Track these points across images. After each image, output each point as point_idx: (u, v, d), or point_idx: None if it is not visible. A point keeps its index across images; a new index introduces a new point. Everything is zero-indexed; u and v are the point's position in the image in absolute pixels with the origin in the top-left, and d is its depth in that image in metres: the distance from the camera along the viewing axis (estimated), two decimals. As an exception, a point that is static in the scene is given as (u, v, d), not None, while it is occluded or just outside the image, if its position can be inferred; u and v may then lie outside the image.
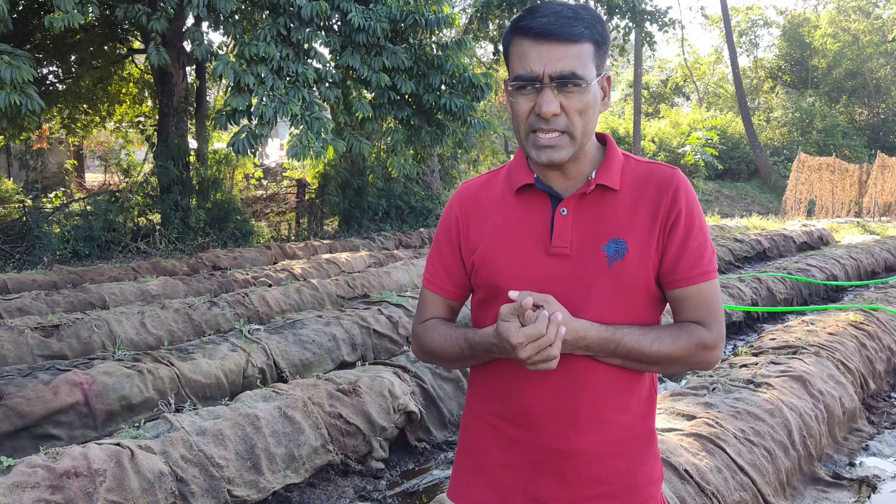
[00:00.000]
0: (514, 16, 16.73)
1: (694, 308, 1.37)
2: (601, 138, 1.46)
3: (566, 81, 1.29)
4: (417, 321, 1.56)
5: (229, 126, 8.88)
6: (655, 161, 1.45)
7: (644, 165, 1.42)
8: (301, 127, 8.58)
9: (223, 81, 9.53)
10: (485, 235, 1.44)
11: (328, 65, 9.37)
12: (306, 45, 9.01)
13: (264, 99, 8.35)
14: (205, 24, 9.50)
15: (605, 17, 18.80)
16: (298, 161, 8.88)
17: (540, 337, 1.22)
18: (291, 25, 8.76)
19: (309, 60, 9.12)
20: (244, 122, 8.67)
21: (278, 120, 8.66)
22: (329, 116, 9.42)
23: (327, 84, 9.24)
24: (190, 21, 9.93)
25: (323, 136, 8.68)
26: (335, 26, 9.76)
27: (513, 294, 1.27)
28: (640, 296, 1.37)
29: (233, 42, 9.05)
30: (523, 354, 1.24)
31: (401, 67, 9.51)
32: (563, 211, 1.38)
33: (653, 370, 1.39)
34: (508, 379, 1.40)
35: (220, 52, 9.63)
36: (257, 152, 8.88)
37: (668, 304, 1.44)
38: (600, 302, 1.34)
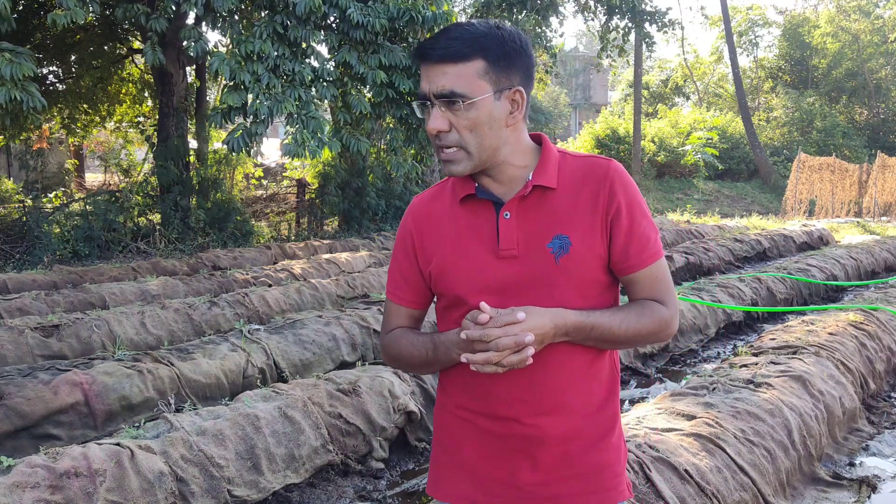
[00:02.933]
0: (518, 15, 16.64)
1: (648, 288, 1.46)
2: (536, 139, 1.51)
3: (446, 99, 1.36)
4: (384, 332, 1.62)
5: (225, 124, 8.88)
6: (592, 154, 1.51)
7: (580, 160, 1.48)
8: (297, 126, 8.58)
9: (222, 81, 9.53)
10: (438, 247, 1.51)
11: (326, 63, 9.37)
12: (304, 45, 9.01)
13: (259, 96, 8.35)
14: (203, 24, 9.50)
15: (604, 18, 18.82)
16: (294, 158, 8.88)
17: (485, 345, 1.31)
18: (288, 23, 8.76)
19: (306, 60, 9.12)
20: (239, 119, 8.67)
21: (274, 119, 8.67)
22: (327, 116, 9.41)
23: (325, 83, 9.23)
24: (190, 21, 9.93)
25: (319, 135, 8.68)
26: (333, 24, 9.76)
27: (484, 307, 1.33)
28: (591, 286, 1.44)
29: (230, 42, 9.04)
30: (474, 360, 1.32)
31: (398, 65, 9.50)
32: (507, 215, 1.44)
33: (621, 348, 1.48)
34: (475, 373, 1.44)
35: (217, 50, 9.62)
36: (252, 150, 8.87)
37: (619, 288, 1.52)
38: (553, 297, 1.41)
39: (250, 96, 8.45)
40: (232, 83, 8.55)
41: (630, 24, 18.08)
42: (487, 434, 1.47)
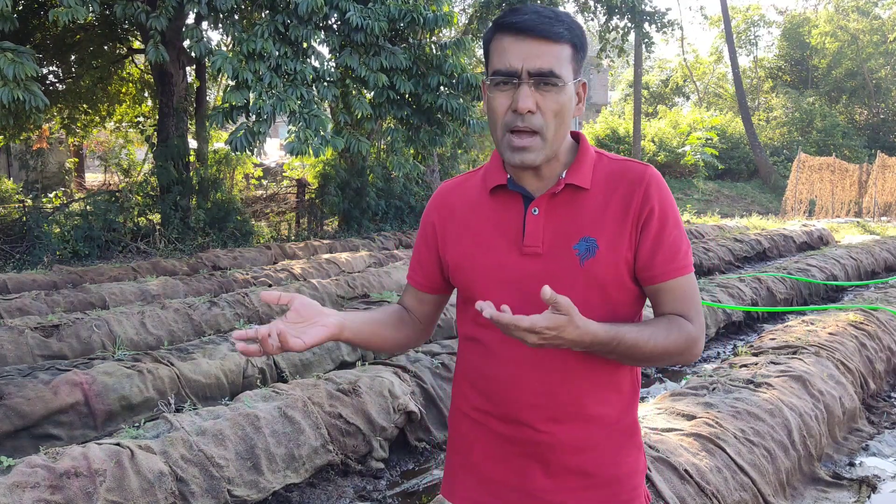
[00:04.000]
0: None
1: (672, 302, 1.39)
2: (574, 136, 1.47)
3: (544, 79, 1.30)
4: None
5: (226, 124, 8.88)
6: (629, 158, 1.46)
7: (617, 163, 1.43)
8: (300, 124, 8.59)
9: (222, 81, 9.53)
10: (460, 237, 1.47)
11: (326, 63, 9.37)
12: (305, 45, 9.01)
13: (262, 95, 8.35)
14: (204, 23, 9.51)
15: (604, 18, 18.85)
16: (296, 156, 8.88)
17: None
18: (289, 23, 8.77)
19: (307, 59, 9.13)
20: (241, 119, 8.67)
21: (277, 117, 8.67)
22: (328, 115, 9.41)
23: (326, 83, 9.24)
24: (190, 20, 9.94)
25: (322, 133, 8.69)
26: (334, 26, 9.76)
27: (479, 305, 1.22)
28: (614, 293, 1.38)
29: (232, 41, 9.05)
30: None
31: (399, 67, 9.50)
32: (535, 210, 1.40)
33: (643, 365, 1.40)
34: (491, 375, 1.42)
35: (219, 49, 9.62)
36: (255, 150, 8.84)
37: (646, 300, 1.46)
38: (574, 300, 1.33)
39: (252, 95, 8.45)
40: (234, 82, 8.56)
41: (630, 25, 18.08)
42: (499, 437, 1.44)
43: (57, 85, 14.37)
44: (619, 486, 1.42)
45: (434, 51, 10.07)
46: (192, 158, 12.05)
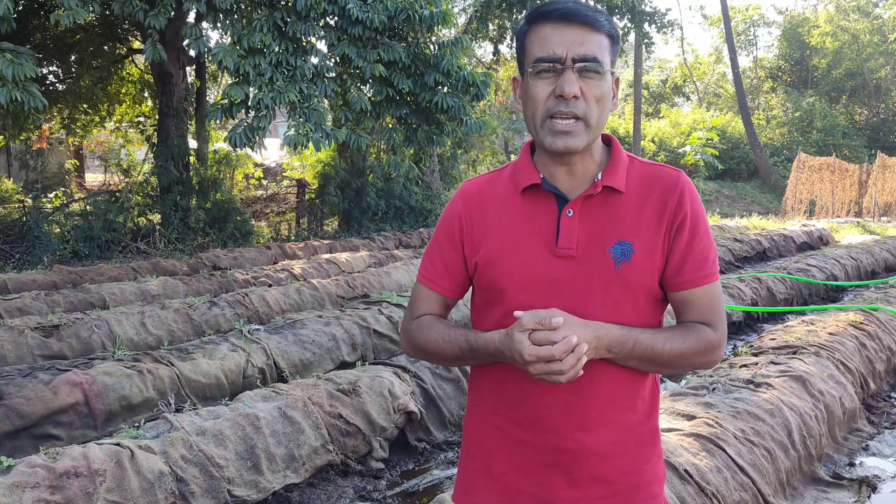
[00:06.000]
0: (517, 15, 16.65)
1: (698, 310, 1.39)
2: (606, 139, 1.46)
3: (587, 65, 1.31)
4: (410, 317, 1.54)
5: (225, 122, 8.89)
6: (659, 163, 1.46)
7: (649, 167, 1.43)
8: (299, 119, 8.58)
9: (222, 80, 9.54)
10: (489, 236, 1.43)
11: (326, 60, 9.38)
12: (304, 43, 9.02)
13: (262, 88, 8.35)
14: (204, 23, 9.52)
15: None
16: (296, 149, 8.85)
17: (552, 360, 1.23)
18: (288, 19, 8.78)
19: (307, 57, 9.14)
20: (240, 116, 8.67)
21: (276, 112, 8.66)
22: (327, 108, 9.42)
23: (325, 79, 9.25)
24: (190, 19, 9.94)
25: (321, 126, 8.68)
26: (332, 22, 9.77)
27: (518, 314, 1.27)
28: (644, 297, 1.38)
29: (231, 39, 9.05)
30: (533, 371, 1.25)
31: (397, 62, 9.49)
32: (570, 212, 1.38)
33: (662, 371, 1.40)
34: (515, 382, 1.40)
35: (220, 43, 9.63)
36: (255, 146, 8.76)
37: (668, 304, 1.45)
38: (605, 304, 1.35)
39: (253, 89, 8.44)
40: (235, 77, 8.57)
41: (629, 25, 18.09)
42: (522, 445, 1.41)
43: (57, 85, 14.38)
44: (640, 494, 1.41)
45: (433, 50, 10.07)
46: (192, 159, 12.05)
